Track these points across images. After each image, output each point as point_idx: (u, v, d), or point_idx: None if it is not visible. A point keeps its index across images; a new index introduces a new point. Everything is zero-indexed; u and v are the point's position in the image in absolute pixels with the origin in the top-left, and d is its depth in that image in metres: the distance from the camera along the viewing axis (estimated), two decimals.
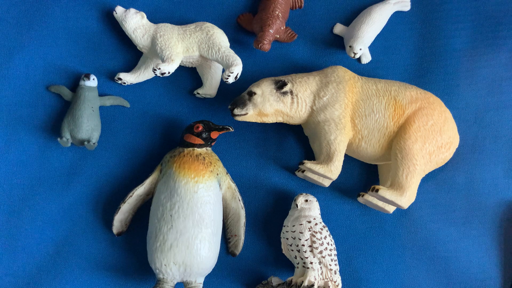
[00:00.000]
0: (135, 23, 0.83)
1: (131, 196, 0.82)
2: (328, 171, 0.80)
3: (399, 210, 0.86)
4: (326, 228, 0.80)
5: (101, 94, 0.86)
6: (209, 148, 0.82)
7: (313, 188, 0.87)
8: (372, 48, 0.90)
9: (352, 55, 0.85)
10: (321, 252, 0.78)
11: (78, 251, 0.84)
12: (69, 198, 0.85)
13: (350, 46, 0.85)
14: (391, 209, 0.84)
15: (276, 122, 0.86)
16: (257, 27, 0.86)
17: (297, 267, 0.80)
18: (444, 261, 0.86)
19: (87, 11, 0.88)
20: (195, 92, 0.87)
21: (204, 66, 0.86)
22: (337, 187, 0.87)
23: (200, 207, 0.77)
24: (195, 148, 0.80)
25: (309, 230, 0.79)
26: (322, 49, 0.90)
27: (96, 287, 0.83)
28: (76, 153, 0.85)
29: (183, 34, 0.83)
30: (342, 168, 0.84)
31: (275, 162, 0.87)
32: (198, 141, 0.80)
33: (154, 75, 0.84)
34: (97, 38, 0.87)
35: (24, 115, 0.85)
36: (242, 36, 0.89)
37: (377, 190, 0.77)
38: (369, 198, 0.84)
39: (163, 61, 0.80)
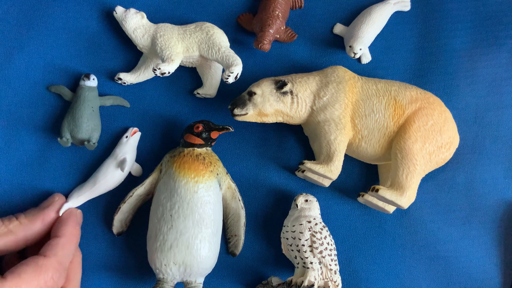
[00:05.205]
0: (135, 23, 0.83)
1: (131, 196, 0.82)
2: (328, 171, 0.80)
3: (399, 210, 0.86)
4: (326, 228, 0.80)
5: (101, 94, 0.86)
6: (209, 148, 0.82)
7: (313, 188, 0.87)
8: (372, 48, 0.89)
9: (352, 55, 0.85)
10: (321, 252, 0.78)
11: None
12: None
13: (350, 46, 0.85)
14: (391, 209, 0.84)
15: (276, 122, 0.86)
16: (257, 27, 0.86)
17: (297, 267, 0.80)
18: (444, 261, 0.86)
19: (87, 11, 0.88)
20: (195, 92, 0.87)
21: (204, 66, 0.86)
22: (337, 187, 0.87)
23: (200, 207, 0.77)
24: (195, 148, 0.80)
25: (309, 230, 0.79)
26: (322, 49, 0.90)
27: (96, 287, 0.83)
28: (76, 153, 0.85)
29: (183, 34, 0.83)
30: (342, 168, 0.84)
31: (275, 162, 0.87)
32: (198, 141, 0.80)
33: (154, 75, 0.84)
34: (97, 38, 0.87)
35: (24, 115, 0.85)
36: (242, 36, 0.89)
37: (377, 190, 0.77)
38: (369, 198, 0.84)
39: (163, 61, 0.80)
